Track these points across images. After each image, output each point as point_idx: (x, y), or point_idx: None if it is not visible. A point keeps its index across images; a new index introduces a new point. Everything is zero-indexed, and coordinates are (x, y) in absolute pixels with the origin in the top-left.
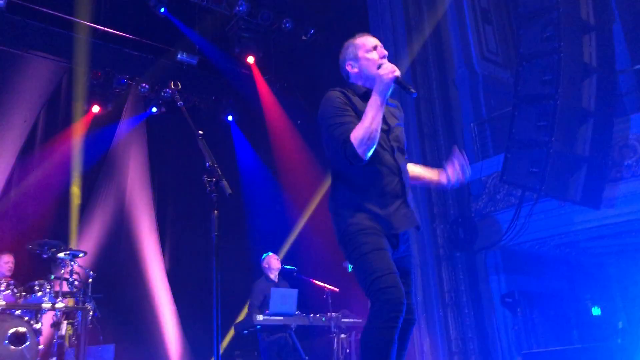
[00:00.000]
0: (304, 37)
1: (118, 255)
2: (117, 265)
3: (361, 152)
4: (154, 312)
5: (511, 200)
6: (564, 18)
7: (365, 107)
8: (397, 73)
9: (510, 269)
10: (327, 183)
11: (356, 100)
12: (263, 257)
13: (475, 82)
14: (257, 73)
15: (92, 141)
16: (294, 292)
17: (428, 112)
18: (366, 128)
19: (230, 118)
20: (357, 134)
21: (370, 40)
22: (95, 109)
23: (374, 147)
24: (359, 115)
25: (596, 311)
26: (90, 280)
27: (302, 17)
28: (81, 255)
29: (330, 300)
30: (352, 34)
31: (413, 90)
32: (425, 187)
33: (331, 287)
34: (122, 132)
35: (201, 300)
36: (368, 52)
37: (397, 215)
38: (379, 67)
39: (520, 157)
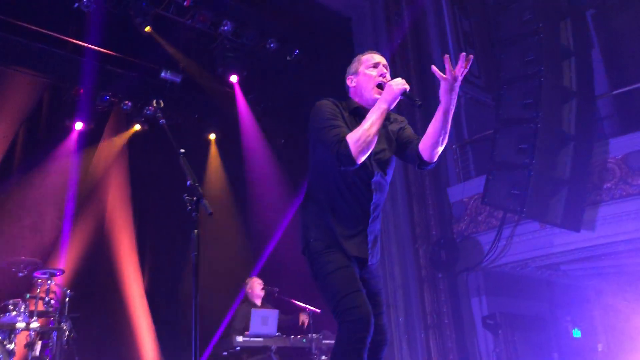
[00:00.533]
0: (288, 58)
1: (96, 274)
2: (95, 285)
3: (355, 153)
4: (132, 333)
5: (492, 222)
6: (545, 43)
7: (354, 124)
8: (407, 87)
9: (492, 291)
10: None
11: (346, 115)
12: (246, 281)
13: (457, 104)
14: (238, 92)
15: (73, 158)
16: (274, 313)
17: None
18: (364, 130)
19: (212, 137)
20: (355, 135)
21: (374, 58)
22: (78, 125)
23: (368, 153)
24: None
25: (576, 333)
26: (67, 299)
27: (287, 38)
28: (58, 273)
29: (311, 322)
30: (337, 56)
31: (419, 102)
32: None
33: (312, 308)
34: (104, 149)
35: (180, 321)
36: (368, 68)
37: (353, 241)
38: (379, 85)
39: (502, 180)
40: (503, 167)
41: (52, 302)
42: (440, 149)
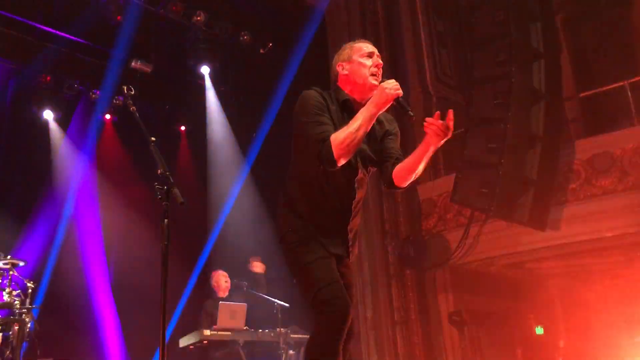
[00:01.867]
0: (261, 51)
1: (60, 265)
2: (58, 276)
3: (337, 155)
4: (96, 326)
5: (461, 220)
6: (516, 45)
7: (341, 119)
8: (401, 93)
9: (459, 288)
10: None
11: (333, 109)
12: (211, 274)
13: (429, 103)
14: (208, 84)
15: (39, 146)
16: (242, 307)
17: None
18: (350, 133)
19: (182, 128)
20: (339, 137)
21: (369, 47)
22: (47, 114)
23: (350, 157)
24: (334, 125)
25: (539, 330)
26: (29, 291)
27: (260, 31)
28: (21, 264)
29: (279, 316)
30: (310, 49)
31: (411, 113)
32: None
33: (282, 303)
34: (71, 138)
35: (147, 314)
36: (363, 57)
37: (332, 239)
38: (372, 75)
39: (471, 178)
40: (472, 165)
41: (14, 293)
42: (413, 179)
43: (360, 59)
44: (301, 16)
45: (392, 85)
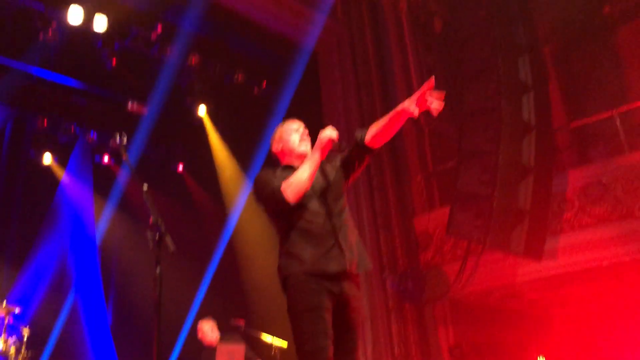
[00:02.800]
0: (255, 90)
1: (58, 310)
2: (56, 321)
3: (289, 194)
4: None
5: (458, 252)
6: (504, 78)
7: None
8: (334, 137)
9: (458, 321)
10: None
11: (284, 175)
12: (198, 326)
13: (422, 136)
14: (207, 123)
15: (37, 190)
16: (241, 348)
17: (376, 165)
18: (297, 174)
19: (180, 168)
20: (287, 181)
21: (294, 123)
22: (46, 157)
23: (302, 194)
24: None
25: None
26: (25, 337)
27: (254, 71)
28: (16, 310)
29: (278, 357)
30: (303, 89)
31: (345, 148)
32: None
33: (279, 344)
34: (68, 181)
35: (146, 355)
36: (291, 132)
37: (328, 256)
38: (300, 145)
39: (465, 210)
40: (466, 198)
41: (9, 340)
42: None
43: (289, 135)
44: (294, 56)
45: (327, 132)
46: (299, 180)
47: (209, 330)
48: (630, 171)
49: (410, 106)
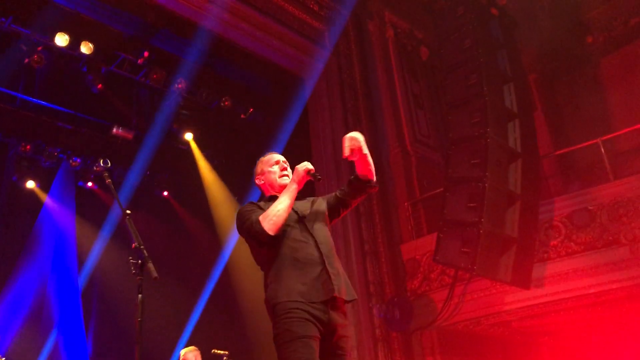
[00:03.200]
0: (242, 116)
1: (35, 339)
2: (33, 352)
3: (266, 227)
4: None
5: (445, 280)
6: (490, 106)
7: None
8: (309, 167)
9: (446, 350)
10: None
11: (266, 206)
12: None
13: (409, 163)
14: (195, 149)
15: (18, 214)
16: None
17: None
18: (274, 206)
19: (165, 194)
20: (265, 213)
21: (274, 157)
22: (29, 183)
23: (281, 225)
24: None
25: None
26: None
27: (241, 97)
28: None
29: None
30: (290, 114)
31: (319, 177)
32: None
33: None
34: (50, 206)
35: None
36: (271, 166)
37: (316, 284)
38: (280, 177)
39: (452, 237)
40: (453, 225)
41: None
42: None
43: (270, 169)
44: (280, 82)
45: (303, 165)
46: (275, 212)
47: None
48: (615, 199)
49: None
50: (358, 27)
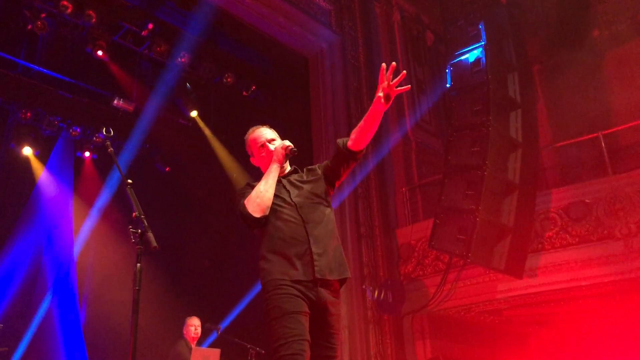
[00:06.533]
0: (244, 93)
1: (30, 305)
2: (27, 317)
3: (250, 209)
4: None
5: (439, 266)
6: (493, 94)
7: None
8: (286, 145)
9: (436, 334)
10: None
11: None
12: (185, 320)
13: (408, 148)
14: (202, 125)
15: (15, 182)
16: (216, 352)
17: (362, 175)
18: (256, 190)
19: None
20: (249, 197)
21: (260, 138)
22: (27, 150)
23: (265, 206)
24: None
25: None
26: None
27: (244, 73)
28: None
29: None
30: (292, 93)
31: (296, 151)
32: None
33: (257, 349)
34: (49, 175)
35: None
36: (260, 153)
37: (299, 263)
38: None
39: (449, 224)
40: (450, 212)
41: None
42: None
43: (261, 153)
44: (284, 61)
45: (280, 143)
46: (257, 195)
47: (192, 331)
48: (612, 193)
49: (377, 93)
50: (364, 8)
